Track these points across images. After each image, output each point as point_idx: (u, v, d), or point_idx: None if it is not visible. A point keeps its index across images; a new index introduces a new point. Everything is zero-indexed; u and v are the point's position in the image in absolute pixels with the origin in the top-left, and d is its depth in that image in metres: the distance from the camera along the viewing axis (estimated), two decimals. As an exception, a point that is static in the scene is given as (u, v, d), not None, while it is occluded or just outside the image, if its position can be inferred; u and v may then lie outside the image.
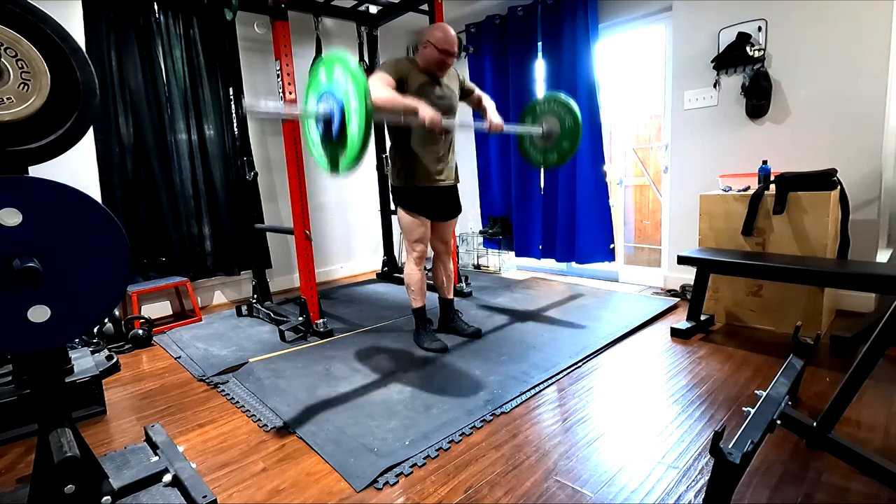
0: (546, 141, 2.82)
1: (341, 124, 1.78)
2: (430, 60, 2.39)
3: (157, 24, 3.32)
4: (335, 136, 1.82)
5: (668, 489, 1.44)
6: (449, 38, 2.35)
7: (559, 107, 2.75)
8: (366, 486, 1.52)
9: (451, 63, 2.42)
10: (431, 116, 2.17)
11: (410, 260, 2.61)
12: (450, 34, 2.36)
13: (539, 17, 3.92)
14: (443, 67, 2.41)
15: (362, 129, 1.70)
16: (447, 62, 2.40)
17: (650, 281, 3.80)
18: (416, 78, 2.37)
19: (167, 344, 2.93)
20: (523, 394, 2.07)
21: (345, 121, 1.77)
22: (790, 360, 1.74)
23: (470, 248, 4.77)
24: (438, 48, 2.34)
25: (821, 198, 2.49)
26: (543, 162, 2.92)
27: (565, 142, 2.75)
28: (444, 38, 2.34)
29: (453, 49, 2.37)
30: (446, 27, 2.40)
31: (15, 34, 1.16)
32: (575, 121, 2.70)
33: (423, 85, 2.38)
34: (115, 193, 3.23)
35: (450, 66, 2.45)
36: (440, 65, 2.39)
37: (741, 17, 3.03)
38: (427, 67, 2.41)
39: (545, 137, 2.80)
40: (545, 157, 2.89)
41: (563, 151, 2.78)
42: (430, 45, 2.36)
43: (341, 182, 4.49)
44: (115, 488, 1.39)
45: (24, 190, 1.10)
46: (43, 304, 1.14)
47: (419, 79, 2.38)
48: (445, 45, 2.34)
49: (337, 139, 1.82)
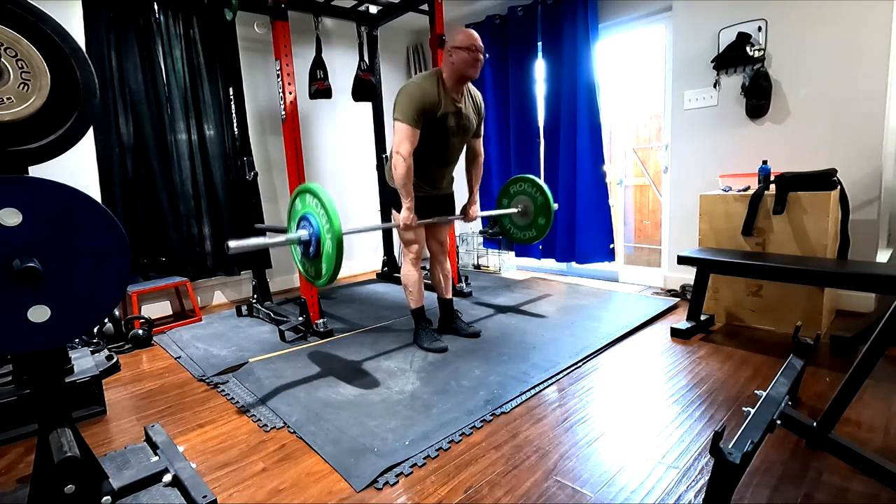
0: (524, 218, 3.08)
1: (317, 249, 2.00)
2: (461, 66, 2.31)
3: (157, 24, 3.32)
4: (312, 256, 2.03)
5: (668, 489, 1.44)
6: (471, 34, 2.33)
7: (530, 186, 3.01)
8: (366, 486, 1.52)
9: (482, 60, 2.36)
10: (405, 221, 2.37)
11: (407, 261, 2.61)
12: (469, 32, 2.34)
13: (539, 17, 3.92)
14: (476, 66, 2.34)
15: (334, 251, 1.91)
16: (479, 58, 2.34)
17: (650, 281, 3.80)
18: (442, 105, 2.33)
19: (167, 344, 2.93)
20: (523, 394, 2.07)
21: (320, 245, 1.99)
22: (790, 360, 1.74)
23: (470, 248, 4.77)
24: (466, 47, 2.29)
25: (821, 198, 2.49)
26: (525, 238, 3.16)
27: (541, 218, 3.00)
28: (465, 37, 2.31)
29: (479, 42, 2.33)
30: (462, 28, 2.38)
31: (15, 34, 1.16)
32: (545, 197, 2.95)
33: (446, 116, 2.35)
34: (115, 193, 3.23)
35: (482, 63, 2.38)
36: (474, 64, 2.32)
37: (741, 17, 3.03)
38: (459, 76, 2.34)
39: (522, 215, 3.08)
40: (526, 234, 3.14)
41: (540, 226, 3.03)
42: (456, 50, 2.30)
43: (341, 182, 4.49)
44: (115, 488, 1.39)
45: (24, 190, 1.10)
46: (43, 304, 1.14)
47: (444, 108, 2.34)
48: (471, 41, 2.30)
49: (314, 258, 2.04)
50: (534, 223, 3.05)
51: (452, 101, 2.39)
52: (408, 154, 2.29)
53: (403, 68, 5.05)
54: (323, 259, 1.99)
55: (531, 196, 3.01)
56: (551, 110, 3.99)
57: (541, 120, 4.10)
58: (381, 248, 4.50)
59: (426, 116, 2.30)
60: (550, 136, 4.04)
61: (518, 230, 3.17)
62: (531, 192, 3.01)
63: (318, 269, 2.04)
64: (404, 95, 2.30)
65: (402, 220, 2.38)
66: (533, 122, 4.15)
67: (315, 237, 1.99)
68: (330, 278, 1.99)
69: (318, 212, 1.97)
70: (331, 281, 2.00)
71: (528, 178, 3.02)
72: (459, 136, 2.48)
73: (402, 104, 2.29)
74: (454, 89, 2.38)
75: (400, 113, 2.29)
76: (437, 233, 2.71)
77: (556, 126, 3.95)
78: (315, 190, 1.97)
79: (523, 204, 3.06)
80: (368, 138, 4.38)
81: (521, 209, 3.07)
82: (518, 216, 3.11)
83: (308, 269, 2.14)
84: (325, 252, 1.96)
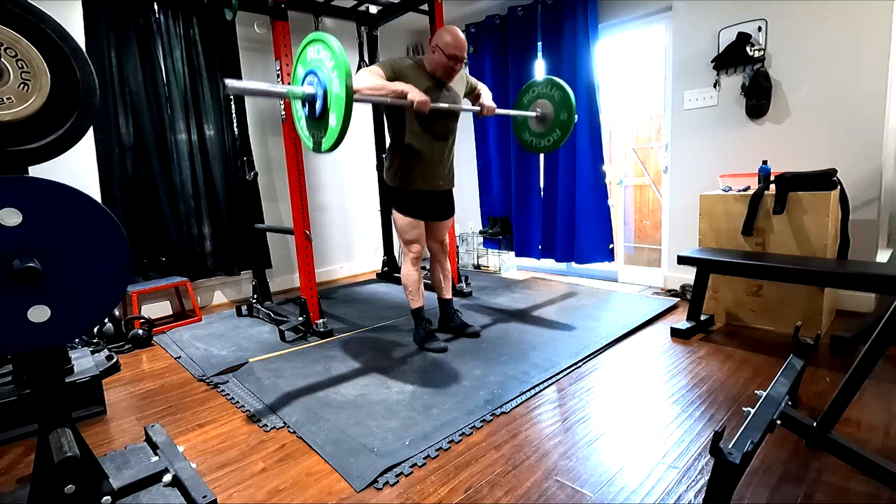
0: (542, 124, 2.88)
1: (323, 106, 1.81)
2: (438, 66, 2.34)
3: (157, 23, 3.32)
4: (317, 117, 1.85)
5: (668, 489, 1.44)
6: (458, 41, 2.28)
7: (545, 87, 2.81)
8: (366, 486, 1.51)
9: (458, 69, 2.36)
10: (420, 99, 2.17)
11: (407, 261, 2.61)
12: (459, 38, 2.29)
13: (539, 17, 3.92)
14: (451, 74, 2.36)
15: (342, 112, 1.73)
16: (455, 69, 2.34)
17: (650, 281, 3.80)
18: (417, 80, 2.31)
19: (167, 344, 2.93)
20: (523, 394, 2.07)
21: (327, 102, 1.80)
22: (790, 360, 1.74)
23: (470, 248, 4.77)
24: (447, 53, 2.28)
25: (821, 198, 2.49)
26: (541, 146, 2.97)
27: (562, 113, 2.79)
28: (452, 42, 2.27)
29: (462, 54, 2.31)
30: (456, 31, 2.31)
31: (15, 34, 1.16)
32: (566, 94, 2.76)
33: (427, 90, 2.30)
34: (115, 193, 3.23)
35: (457, 73, 2.39)
36: (448, 71, 2.34)
37: (741, 17, 3.03)
38: (434, 72, 2.37)
39: (540, 120, 2.87)
40: (542, 142, 2.95)
41: (561, 123, 2.80)
42: (439, 50, 2.30)
43: (341, 182, 4.49)
44: (115, 488, 1.39)
45: (24, 190, 1.10)
46: (43, 304, 1.14)
47: (422, 82, 2.32)
48: (454, 51, 2.28)
49: (318, 119, 1.85)
50: (549, 132, 2.87)
51: (429, 76, 2.38)
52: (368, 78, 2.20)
53: (403, 68, 5.04)
54: (331, 112, 1.80)
55: (553, 101, 2.82)
56: (551, 110, 3.98)
57: (541, 120, 4.10)
58: (381, 248, 4.50)
59: (395, 77, 2.27)
60: (550, 136, 4.04)
61: (532, 136, 2.99)
62: (554, 96, 2.81)
63: (323, 130, 1.87)
64: None
65: (417, 100, 2.16)
66: (533, 122, 4.15)
67: (322, 91, 1.83)
68: (336, 141, 1.82)
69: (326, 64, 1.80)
70: (336, 145, 1.84)
71: (554, 80, 2.83)
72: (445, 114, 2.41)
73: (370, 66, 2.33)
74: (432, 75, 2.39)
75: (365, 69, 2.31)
76: (437, 233, 2.71)
77: (556, 126, 3.95)
78: (324, 38, 1.81)
79: (543, 109, 2.87)
80: (368, 138, 4.38)
81: (540, 113, 2.88)
82: (535, 121, 2.91)
83: (313, 133, 1.97)
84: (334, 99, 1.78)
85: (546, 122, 2.90)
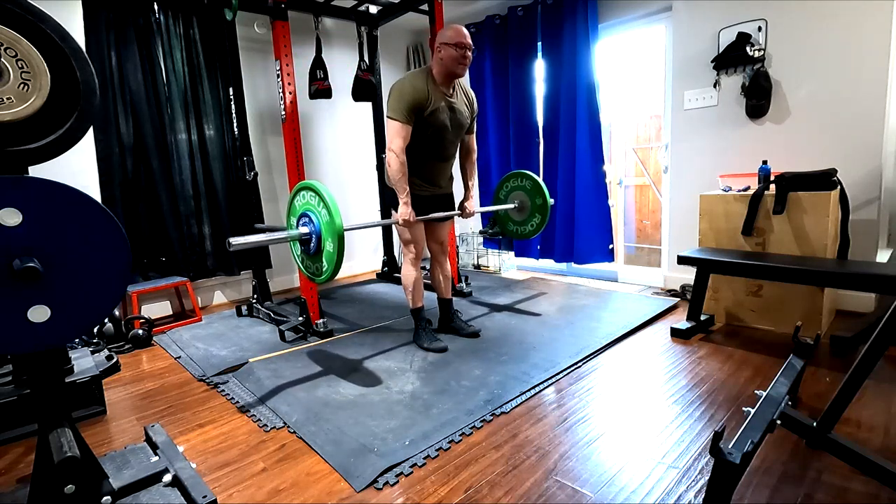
0: (521, 212, 3.10)
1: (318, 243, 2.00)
2: (448, 62, 2.34)
3: (157, 24, 3.32)
4: (312, 252, 2.04)
5: (668, 489, 1.44)
6: (459, 31, 2.35)
7: (525, 181, 3.04)
8: (366, 486, 1.52)
9: (470, 56, 2.38)
10: (404, 217, 2.36)
11: (406, 261, 2.62)
12: (459, 29, 2.36)
13: (539, 17, 3.92)
14: (464, 63, 2.37)
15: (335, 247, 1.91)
16: (467, 55, 2.36)
17: (650, 281, 3.80)
18: (433, 100, 2.35)
19: (167, 344, 2.93)
20: (523, 394, 2.07)
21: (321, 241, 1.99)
22: (790, 360, 1.74)
23: (470, 248, 4.77)
24: (454, 44, 2.32)
25: (821, 198, 2.49)
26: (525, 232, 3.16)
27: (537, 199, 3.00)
28: (454, 33, 2.33)
29: (467, 40, 2.35)
30: (454, 25, 2.39)
31: (15, 34, 1.16)
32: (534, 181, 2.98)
33: (437, 111, 2.37)
34: (115, 193, 3.23)
35: (470, 61, 2.40)
36: (461, 61, 2.35)
37: (741, 17, 3.02)
38: (448, 72, 2.37)
39: (519, 210, 3.10)
40: (526, 228, 3.14)
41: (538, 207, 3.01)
42: (445, 46, 2.33)
43: (341, 182, 4.49)
44: (115, 488, 1.39)
45: (24, 190, 1.10)
46: (43, 304, 1.14)
47: (435, 102, 2.36)
48: (459, 38, 2.33)
49: (314, 254, 2.04)
50: (530, 218, 3.07)
51: (443, 95, 2.40)
52: (400, 150, 2.30)
53: (403, 68, 5.04)
54: (324, 255, 1.99)
55: (526, 191, 3.04)
56: (551, 110, 3.98)
57: (540, 120, 4.10)
58: (381, 248, 4.50)
59: (417, 112, 2.32)
60: (550, 137, 4.04)
61: (515, 225, 3.19)
62: (526, 186, 3.03)
63: (318, 266, 2.05)
64: (395, 93, 2.33)
65: (401, 217, 2.38)
66: (532, 122, 4.15)
67: (316, 233, 1.99)
68: (331, 275, 1.99)
69: (318, 208, 1.97)
70: (332, 277, 2.00)
71: (523, 173, 3.05)
72: (453, 130, 2.48)
73: (393, 102, 2.32)
74: (444, 84, 2.41)
75: (391, 110, 2.32)
76: (437, 233, 2.71)
77: (555, 126, 3.95)
78: (315, 186, 1.97)
79: (519, 199, 3.08)
80: (368, 138, 4.38)
81: (518, 204, 3.09)
82: (515, 211, 3.13)
83: (308, 266, 2.14)
84: (326, 249, 1.96)
85: (525, 210, 3.09)
